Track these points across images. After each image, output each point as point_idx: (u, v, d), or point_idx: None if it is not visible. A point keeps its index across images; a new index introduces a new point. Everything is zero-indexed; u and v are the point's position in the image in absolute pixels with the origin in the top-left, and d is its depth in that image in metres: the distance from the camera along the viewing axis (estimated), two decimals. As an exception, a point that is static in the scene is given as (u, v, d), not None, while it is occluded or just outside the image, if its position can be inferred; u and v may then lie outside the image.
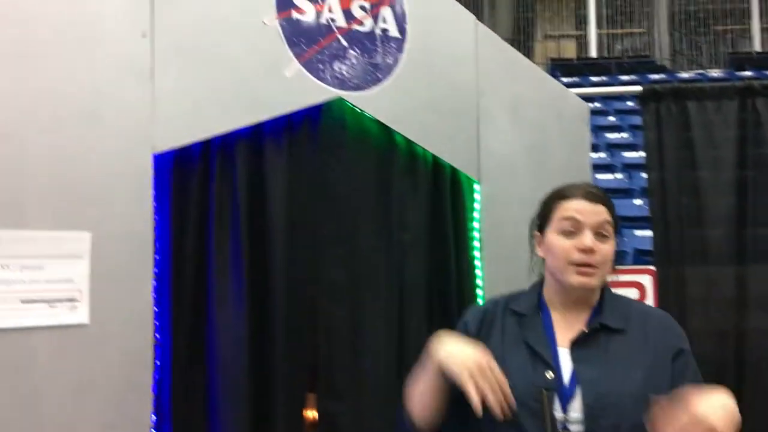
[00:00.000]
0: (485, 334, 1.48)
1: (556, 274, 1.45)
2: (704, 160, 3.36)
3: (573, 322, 1.45)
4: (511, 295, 1.55)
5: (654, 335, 1.43)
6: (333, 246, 2.15)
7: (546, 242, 1.48)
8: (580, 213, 1.42)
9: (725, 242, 3.29)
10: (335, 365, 2.14)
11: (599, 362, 1.38)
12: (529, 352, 1.41)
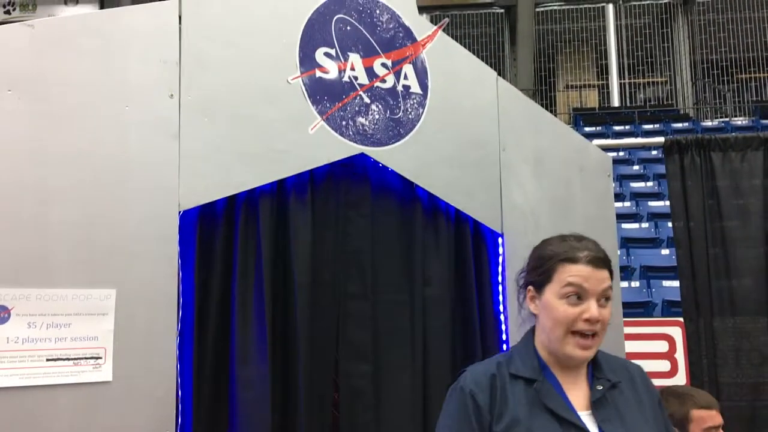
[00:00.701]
0: (501, 403, 1.38)
1: (552, 339, 1.40)
2: (730, 209, 3.33)
3: (575, 381, 1.41)
4: (506, 357, 1.46)
5: (640, 387, 1.43)
6: (356, 302, 2.15)
7: (544, 302, 1.42)
8: (586, 281, 1.37)
9: (755, 292, 3.23)
10: (358, 422, 2.11)
11: (618, 420, 1.35)
12: (555, 419, 1.35)
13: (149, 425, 1.75)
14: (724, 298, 3.25)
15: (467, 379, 1.43)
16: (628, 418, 1.36)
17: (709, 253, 3.28)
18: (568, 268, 1.39)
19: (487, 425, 1.35)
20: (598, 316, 1.36)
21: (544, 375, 1.40)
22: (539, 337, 1.45)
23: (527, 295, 1.47)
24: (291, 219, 2.05)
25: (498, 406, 1.37)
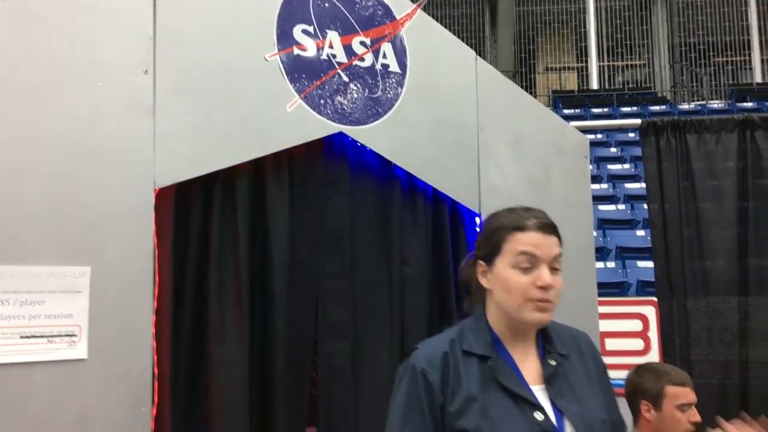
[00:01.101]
0: (454, 382, 1.35)
1: (508, 309, 1.39)
2: (705, 191, 3.37)
3: (527, 355, 1.41)
4: (458, 334, 1.44)
5: (588, 357, 1.45)
6: (334, 281, 2.15)
7: (495, 274, 1.40)
8: (537, 248, 1.37)
9: (727, 273, 3.29)
10: (336, 401, 2.12)
11: (571, 394, 1.37)
12: (509, 395, 1.34)
13: (125, 402, 1.74)
14: (697, 278, 3.30)
15: (418, 357, 1.41)
16: (578, 390, 1.38)
17: (683, 235, 3.33)
18: (518, 237, 1.39)
19: (439, 404, 1.34)
20: (551, 281, 1.36)
21: (497, 351, 1.39)
22: (491, 311, 1.44)
23: (478, 270, 1.45)
24: (269, 198, 2.04)
25: (451, 385, 1.35)
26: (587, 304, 2.77)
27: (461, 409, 1.32)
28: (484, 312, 1.46)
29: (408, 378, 1.39)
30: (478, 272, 1.45)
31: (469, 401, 1.32)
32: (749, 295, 3.28)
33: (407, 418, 1.35)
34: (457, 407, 1.33)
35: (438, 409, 1.34)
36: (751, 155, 3.36)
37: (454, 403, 1.33)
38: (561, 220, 2.66)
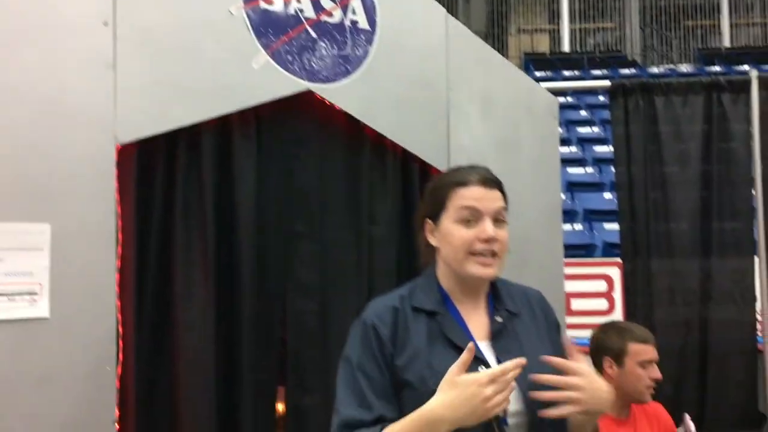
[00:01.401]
0: (403, 336, 1.37)
1: (453, 264, 1.41)
2: (671, 154, 3.42)
3: (476, 312, 1.43)
4: (408, 291, 1.45)
5: (538, 313, 1.47)
6: (303, 241, 2.14)
7: (441, 231, 1.42)
8: (478, 201, 1.38)
9: (690, 235, 3.35)
10: (305, 359, 2.13)
11: (518, 350, 1.38)
12: (454, 349, 1.35)
13: (90, 362, 1.73)
14: (661, 240, 3.37)
15: (369, 313, 1.42)
16: (526, 346, 1.40)
17: (649, 197, 3.38)
18: (461, 192, 1.40)
19: (389, 357, 1.35)
20: (494, 234, 1.37)
21: (445, 307, 1.41)
22: (440, 269, 1.45)
23: (426, 229, 1.46)
24: (235, 157, 2.01)
25: (400, 340, 1.37)
26: (553, 264, 2.80)
27: (408, 361, 1.34)
28: (434, 270, 1.47)
29: (360, 332, 1.41)
30: (427, 231, 1.46)
31: (416, 355, 1.34)
32: (711, 256, 3.36)
33: (362, 368, 1.36)
34: (404, 360, 1.35)
35: (389, 362, 1.36)
36: (717, 119, 3.40)
37: (402, 356, 1.35)
38: (530, 180, 2.70)
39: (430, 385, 1.31)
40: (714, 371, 3.26)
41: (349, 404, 1.34)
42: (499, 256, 1.40)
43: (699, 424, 3.10)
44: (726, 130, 3.40)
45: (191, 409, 1.88)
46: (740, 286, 3.35)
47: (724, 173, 3.39)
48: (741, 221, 3.38)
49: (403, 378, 1.34)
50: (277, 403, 2.10)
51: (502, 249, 1.40)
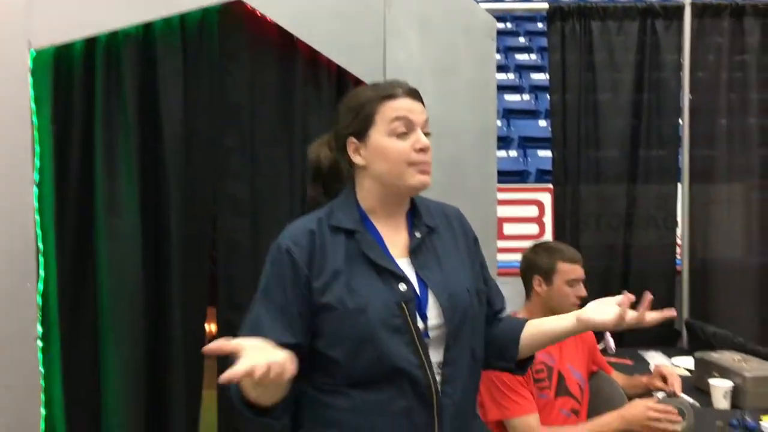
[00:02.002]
0: (321, 258, 1.34)
1: (390, 179, 1.38)
2: (604, 82, 3.46)
3: (395, 229, 1.42)
4: (326, 212, 1.42)
5: (457, 229, 1.49)
6: (233, 156, 2.09)
7: (372, 147, 1.38)
8: (411, 112, 1.36)
9: (618, 161, 3.44)
10: (237, 278, 2.12)
11: (436, 265, 1.40)
12: (374, 268, 1.35)
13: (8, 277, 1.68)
14: (591, 166, 3.44)
15: (285, 236, 1.38)
16: (444, 261, 1.41)
17: (581, 124, 3.43)
18: (390, 104, 1.37)
19: (305, 281, 1.33)
20: (428, 143, 1.37)
21: (364, 226, 1.39)
22: (362, 188, 1.42)
23: (350, 149, 1.41)
24: (159, 68, 1.93)
25: (317, 262, 1.34)
26: (487, 188, 2.83)
27: (327, 283, 1.33)
28: (353, 190, 1.44)
29: (272, 256, 1.38)
30: (351, 150, 1.41)
31: (335, 275, 1.33)
32: (637, 183, 3.46)
33: (268, 292, 1.35)
34: (322, 282, 1.33)
35: (304, 286, 1.34)
36: (650, 48, 3.44)
37: (320, 278, 1.33)
38: (466, 103, 2.68)
39: (349, 306, 1.30)
40: (635, 292, 3.40)
41: (245, 328, 1.34)
42: (430, 167, 1.38)
43: (618, 340, 3.27)
44: (658, 60, 3.46)
45: (118, 325, 1.85)
46: (663, 212, 3.48)
47: (654, 102, 3.46)
48: (667, 149, 3.48)
49: (321, 300, 1.33)
50: (206, 322, 2.09)
51: (431, 159, 1.39)
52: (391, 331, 1.31)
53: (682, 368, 2.85)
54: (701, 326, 3.18)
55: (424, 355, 1.32)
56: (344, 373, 1.32)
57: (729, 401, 2.33)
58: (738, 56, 3.50)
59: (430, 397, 1.32)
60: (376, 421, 1.31)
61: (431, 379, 1.32)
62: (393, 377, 1.31)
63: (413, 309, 1.33)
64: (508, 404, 2.12)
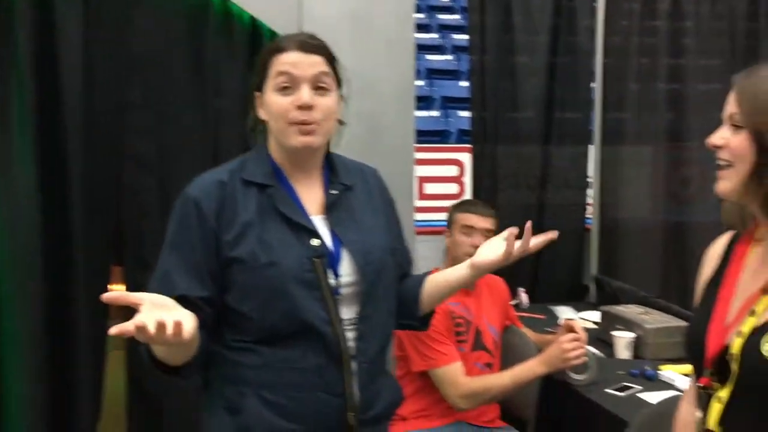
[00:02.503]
0: (231, 210, 1.31)
1: (278, 136, 1.35)
2: (522, 44, 3.50)
3: (310, 185, 1.40)
4: (239, 164, 1.39)
5: (374, 189, 1.49)
6: (139, 112, 2.00)
7: (265, 102, 1.35)
8: (294, 66, 1.32)
9: (535, 124, 3.51)
10: (145, 236, 2.05)
11: (351, 222, 1.39)
12: (287, 223, 1.33)
13: None
14: (508, 127, 3.50)
15: (193, 186, 1.35)
16: (360, 219, 1.41)
17: (499, 86, 3.47)
18: (279, 58, 1.33)
19: (213, 233, 1.31)
20: (310, 101, 1.32)
21: (277, 180, 1.37)
22: (272, 142, 1.39)
23: (257, 103, 1.38)
24: (57, 15, 1.81)
25: (227, 214, 1.31)
26: (405, 146, 2.82)
27: (237, 236, 1.30)
28: (265, 143, 1.41)
29: (180, 206, 1.35)
30: (258, 104, 1.39)
31: (246, 228, 1.31)
32: (551, 144, 3.54)
33: (175, 245, 1.32)
34: (233, 235, 1.30)
35: (212, 239, 1.31)
36: (566, 11, 3.50)
37: (231, 231, 1.31)
38: (384, 60, 2.65)
39: (260, 260, 1.29)
40: (547, 250, 3.51)
41: (154, 282, 1.31)
42: (320, 125, 1.34)
43: (531, 296, 3.39)
44: (573, 24, 3.52)
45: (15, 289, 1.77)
46: (576, 173, 3.59)
47: (568, 65, 3.53)
48: (580, 112, 3.57)
49: (231, 253, 1.30)
50: (113, 282, 2.02)
51: (324, 117, 1.34)
52: (302, 286, 1.30)
53: (590, 321, 2.98)
54: (608, 281, 3.32)
55: (334, 311, 1.32)
56: (255, 329, 1.31)
57: (631, 352, 2.45)
58: (649, 22, 3.61)
59: (339, 352, 1.32)
60: (286, 377, 1.31)
61: (340, 335, 1.32)
62: (303, 333, 1.30)
63: (325, 265, 1.32)
64: (432, 355, 2.18)
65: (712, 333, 1.08)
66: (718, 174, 1.10)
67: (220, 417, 1.33)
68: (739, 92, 1.08)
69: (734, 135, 1.07)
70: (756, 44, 3.67)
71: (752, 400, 1.02)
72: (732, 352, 1.04)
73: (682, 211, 3.68)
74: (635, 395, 2.10)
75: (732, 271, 1.12)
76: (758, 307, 1.04)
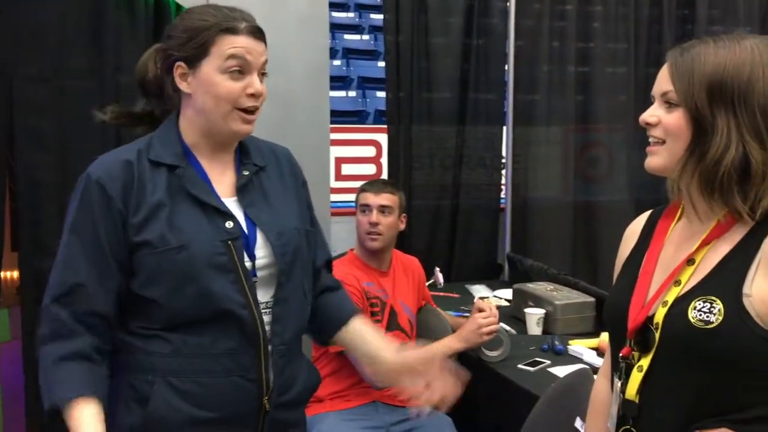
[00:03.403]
0: (138, 192, 1.26)
1: (213, 118, 1.30)
2: (437, 26, 3.51)
3: (222, 167, 1.36)
4: (146, 144, 1.32)
5: (286, 170, 1.47)
6: (33, 86, 1.87)
7: (201, 79, 1.29)
8: (249, 53, 1.28)
9: (450, 104, 3.54)
10: (43, 220, 1.93)
11: (265, 203, 1.37)
12: (199, 205, 1.29)
13: None
14: (423, 107, 3.52)
15: (95, 167, 1.29)
16: (273, 200, 1.38)
17: (414, 66, 3.47)
18: (229, 39, 1.28)
19: (119, 215, 1.25)
20: (262, 90, 1.31)
21: (188, 161, 1.32)
22: (186, 119, 1.34)
23: (177, 73, 1.31)
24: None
25: (134, 196, 1.26)
26: (320, 126, 2.80)
27: (145, 219, 1.26)
28: (176, 120, 1.35)
29: (82, 188, 1.28)
30: (177, 74, 1.31)
31: (155, 211, 1.26)
32: (466, 124, 3.58)
33: (77, 229, 1.26)
34: (141, 218, 1.26)
35: (119, 221, 1.26)
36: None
37: (138, 214, 1.26)
38: (297, 37, 2.61)
39: (170, 243, 1.24)
40: (462, 229, 3.58)
41: (57, 267, 1.26)
42: (259, 111, 1.32)
43: (447, 275, 3.43)
44: (487, 6, 3.56)
45: None
46: (491, 153, 3.65)
47: (483, 47, 3.57)
48: (494, 93, 3.62)
49: (139, 237, 1.25)
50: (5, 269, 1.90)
51: (262, 104, 1.33)
52: (216, 270, 1.26)
53: (503, 299, 3.05)
54: (520, 260, 3.40)
55: (251, 295, 1.29)
56: (163, 316, 1.27)
57: (541, 328, 2.53)
58: (560, 6, 3.69)
59: (256, 336, 1.29)
60: (198, 363, 1.27)
61: (257, 318, 1.29)
62: (217, 318, 1.27)
63: (240, 247, 1.29)
64: None
65: (634, 305, 1.10)
66: (649, 150, 1.09)
67: (128, 408, 1.28)
68: (674, 70, 1.06)
69: (668, 113, 1.07)
70: (659, 29, 3.82)
71: (672, 367, 1.05)
72: (656, 321, 1.06)
73: (591, 191, 3.81)
74: (545, 370, 2.16)
75: (654, 247, 1.15)
76: (682, 277, 1.06)
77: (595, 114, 3.77)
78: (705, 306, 1.01)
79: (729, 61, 1.03)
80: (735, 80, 1.02)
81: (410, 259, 2.56)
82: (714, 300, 1.01)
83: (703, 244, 1.07)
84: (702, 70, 1.03)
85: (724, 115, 1.02)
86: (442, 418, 2.30)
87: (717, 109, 1.02)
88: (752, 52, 1.03)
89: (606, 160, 3.85)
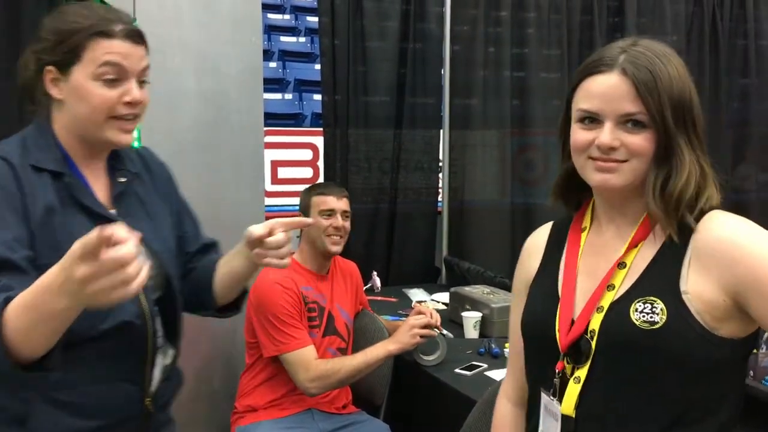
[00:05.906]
0: (30, 190, 1.18)
1: (88, 126, 1.23)
2: (373, 30, 3.50)
3: (97, 174, 1.29)
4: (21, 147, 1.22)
5: (155, 170, 1.41)
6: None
7: (73, 85, 1.21)
8: (125, 58, 1.21)
9: (387, 108, 3.53)
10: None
11: (142, 212, 1.33)
12: (86, 214, 1.22)
13: None
14: (360, 111, 3.49)
15: None
16: (150, 208, 1.35)
17: (350, 70, 3.45)
18: (102, 44, 1.19)
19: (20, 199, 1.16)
20: (140, 97, 1.23)
21: (69, 168, 1.24)
22: (60, 124, 1.25)
23: (47, 78, 1.22)
24: None
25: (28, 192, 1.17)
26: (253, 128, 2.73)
27: (41, 226, 1.17)
28: (48, 123, 1.26)
29: None
30: (47, 80, 1.22)
31: (50, 214, 1.19)
32: (403, 128, 3.58)
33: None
34: (39, 218, 1.17)
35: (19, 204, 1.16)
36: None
37: (36, 211, 1.17)
38: (229, 37, 2.53)
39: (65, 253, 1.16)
40: (400, 233, 3.57)
41: None
42: (138, 119, 1.25)
43: (385, 279, 3.42)
44: (423, 10, 3.57)
45: None
46: (428, 157, 3.66)
47: (419, 52, 3.58)
48: (431, 97, 3.64)
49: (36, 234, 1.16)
50: None
51: (142, 112, 1.26)
52: None
53: (440, 303, 3.05)
54: (457, 263, 3.41)
55: (147, 303, 1.26)
56: None
57: (478, 331, 2.53)
58: (495, 12, 3.73)
59: (145, 343, 1.27)
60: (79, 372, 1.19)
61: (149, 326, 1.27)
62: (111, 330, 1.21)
63: None
64: (283, 339, 2.14)
65: (563, 318, 1.07)
66: (607, 167, 1.03)
67: (8, 429, 1.20)
68: (643, 91, 1.00)
69: (632, 134, 1.01)
70: (591, 36, 3.91)
71: (612, 373, 1.02)
72: (591, 328, 1.03)
73: (527, 194, 3.86)
74: (482, 373, 2.16)
75: (570, 258, 1.13)
76: (615, 281, 1.05)
77: (530, 118, 3.82)
78: (646, 307, 1.00)
79: (679, 77, 1.03)
80: (686, 96, 1.03)
81: (349, 263, 2.54)
82: (654, 300, 1.00)
83: (631, 246, 1.06)
84: (666, 89, 1.01)
85: (684, 132, 1.02)
86: (378, 424, 2.28)
87: (678, 127, 1.01)
88: (682, 65, 1.05)
89: (542, 164, 3.90)
